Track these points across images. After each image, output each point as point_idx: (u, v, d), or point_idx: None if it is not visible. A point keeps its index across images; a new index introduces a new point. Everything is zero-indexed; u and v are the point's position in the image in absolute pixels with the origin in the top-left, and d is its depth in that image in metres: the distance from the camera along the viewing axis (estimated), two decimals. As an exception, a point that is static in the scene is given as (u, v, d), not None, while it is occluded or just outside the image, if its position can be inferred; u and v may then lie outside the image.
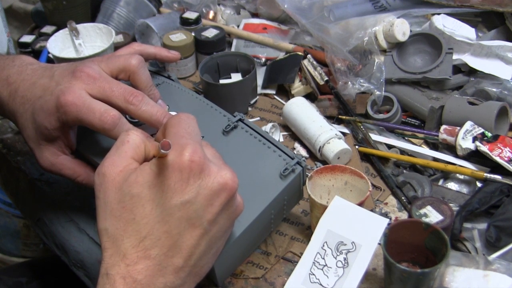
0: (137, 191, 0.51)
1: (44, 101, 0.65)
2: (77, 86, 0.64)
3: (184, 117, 0.55)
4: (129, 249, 0.50)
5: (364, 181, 0.71)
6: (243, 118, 0.71)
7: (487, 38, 0.98)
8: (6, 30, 1.13)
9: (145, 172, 0.51)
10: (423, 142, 0.88)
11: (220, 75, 1.01)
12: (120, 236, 0.50)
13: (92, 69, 0.65)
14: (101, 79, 0.65)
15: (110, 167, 0.52)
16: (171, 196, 0.50)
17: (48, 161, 0.68)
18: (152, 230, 0.50)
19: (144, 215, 0.50)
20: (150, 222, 0.50)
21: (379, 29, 0.95)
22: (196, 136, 0.53)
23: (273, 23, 1.16)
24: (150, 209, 0.50)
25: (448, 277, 0.63)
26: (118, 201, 0.51)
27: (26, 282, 1.04)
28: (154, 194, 0.50)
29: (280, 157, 0.67)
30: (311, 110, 0.90)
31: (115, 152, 0.54)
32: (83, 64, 0.66)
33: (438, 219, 0.68)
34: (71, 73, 0.65)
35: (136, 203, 0.50)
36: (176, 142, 0.51)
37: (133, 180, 0.51)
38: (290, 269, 0.70)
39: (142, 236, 0.50)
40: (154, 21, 1.11)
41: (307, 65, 0.98)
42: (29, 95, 0.67)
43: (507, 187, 0.74)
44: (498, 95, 0.87)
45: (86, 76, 0.65)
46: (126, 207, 0.51)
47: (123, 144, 0.54)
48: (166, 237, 0.50)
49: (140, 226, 0.50)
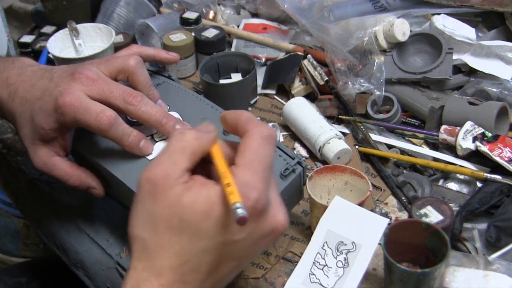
0: (189, 218, 0.47)
1: (43, 102, 0.65)
2: (75, 88, 0.64)
3: (264, 142, 0.49)
4: (167, 269, 0.48)
5: (364, 181, 0.71)
6: (243, 118, 0.71)
7: (487, 38, 0.98)
8: (6, 30, 1.13)
9: (202, 199, 0.47)
10: (423, 142, 0.88)
11: (220, 75, 1.01)
12: (158, 253, 0.48)
13: (91, 71, 0.66)
14: (99, 81, 0.65)
15: (162, 178, 0.48)
16: (222, 232, 0.48)
17: (41, 161, 0.68)
18: (195, 258, 0.48)
19: (191, 243, 0.48)
20: (194, 250, 0.48)
21: (379, 29, 0.95)
22: (267, 172, 0.48)
23: (273, 23, 1.16)
24: (197, 239, 0.48)
25: (448, 277, 0.63)
26: (165, 219, 0.48)
27: (26, 282, 1.04)
28: (206, 227, 0.47)
29: (281, 157, 0.67)
30: (311, 110, 0.90)
31: (168, 159, 0.49)
32: (82, 67, 0.67)
33: (438, 219, 0.68)
34: (70, 75, 0.66)
35: (185, 229, 0.48)
36: (245, 180, 0.47)
37: (188, 205, 0.47)
38: (290, 269, 0.70)
39: (183, 261, 0.48)
40: (154, 21, 1.11)
41: (307, 65, 0.98)
42: (28, 96, 0.67)
43: (507, 187, 0.74)
44: (498, 95, 0.87)
45: (85, 78, 0.65)
46: (173, 228, 0.48)
47: (178, 151, 0.50)
48: (206, 267, 0.48)
49: (183, 250, 0.48)
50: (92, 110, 0.63)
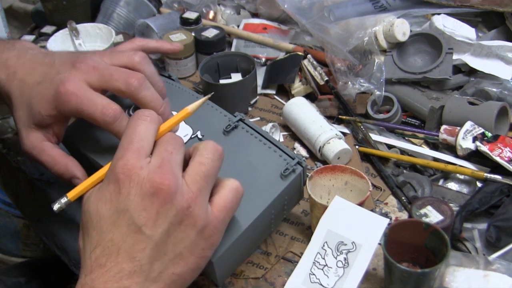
0: (86, 206, 0.54)
1: (43, 88, 0.65)
2: (77, 76, 0.64)
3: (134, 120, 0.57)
4: (86, 260, 0.52)
5: (364, 181, 0.71)
6: (243, 118, 0.71)
7: (487, 38, 0.98)
8: (6, 30, 1.13)
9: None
10: (423, 142, 0.88)
11: (220, 75, 1.01)
12: (82, 249, 0.54)
13: (92, 60, 0.66)
14: (100, 67, 0.65)
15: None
16: (108, 206, 0.53)
17: (30, 144, 0.67)
18: (100, 241, 0.52)
19: (93, 227, 0.53)
20: (97, 233, 0.53)
21: (379, 29, 0.95)
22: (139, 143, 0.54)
23: (273, 23, 1.16)
24: (96, 221, 0.53)
25: (448, 277, 0.63)
26: (82, 217, 0.55)
27: (25, 282, 1.05)
28: (97, 208, 0.53)
29: (281, 157, 0.67)
30: (311, 110, 0.90)
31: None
32: (84, 56, 0.67)
33: (438, 219, 0.68)
34: (71, 64, 0.66)
35: (87, 217, 0.54)
36: (116, 154, 0.54)
37: (85, 198, 0.55)
38: (290, 269, 0.70)
39: (93, 246, 0.52)
40: (154, 21, 1.11)
41: (307, 65, 0.98)
42: (28, 79, 0.67)
43: (507, 187, 0.74)
44: (498, 95, 0.87)
45: (85, 67, 0.65)
46: (83, 221, 0.54)
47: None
48: (112, 244, 0.52)
49: (91, 237, 0.53)
50: (97, 102, 0.63)
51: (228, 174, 0.66)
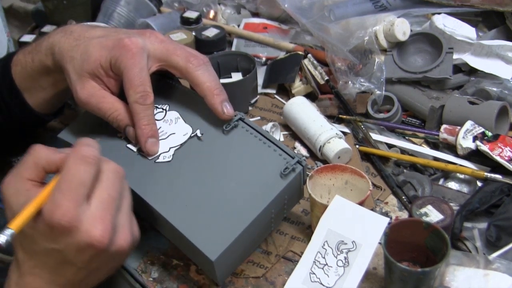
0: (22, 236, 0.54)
1: (104, 39, 0.67)
2: (142, 41, 0.66)
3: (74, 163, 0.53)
4: (23, 261, 0.55)
5: (365, 180, 0.71)
6: (243, 118, 0.71)
7: (488, 37, 0.98)
8: (6, 30, 1.13)
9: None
10: (424, 142, 0.88)
11: (221, 74, 1.01)
12: (17, 248, 0.56)
13: (161, 34, 0.69)
14: (167, 41, 0.68)
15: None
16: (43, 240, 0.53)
17: (88, 92, 0.67)
18: (37, 255, 0.54)
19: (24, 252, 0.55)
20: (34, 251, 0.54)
21: (380, 29, 0.95)
22: (78, 191, 0.52)
23: (273, 22, 1.16)
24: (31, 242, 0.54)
25: (448, 276, 0.63)
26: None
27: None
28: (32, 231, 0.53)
29: (281, 156, 0.67)
30: (311, 110, 0.90)
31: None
32: (152, 30, 0.70)
33: (438, 219, 0.68)
34: (139, 33, 0.68)
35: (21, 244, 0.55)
36: (53, 199, 0.51)
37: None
38: (290, 268, 0.70)
39: (30, 254, 0.54)
40: (154, 20, 1.11)
41: (307, 64, 0.98)
42: (87, 34, 0.69)
43: (507, 186, 0.74)
44: (499, 95, 0.87)
45: (154, 37, 0.68)
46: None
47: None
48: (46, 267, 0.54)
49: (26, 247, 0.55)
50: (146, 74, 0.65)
51: (228, 173, 0.67)
